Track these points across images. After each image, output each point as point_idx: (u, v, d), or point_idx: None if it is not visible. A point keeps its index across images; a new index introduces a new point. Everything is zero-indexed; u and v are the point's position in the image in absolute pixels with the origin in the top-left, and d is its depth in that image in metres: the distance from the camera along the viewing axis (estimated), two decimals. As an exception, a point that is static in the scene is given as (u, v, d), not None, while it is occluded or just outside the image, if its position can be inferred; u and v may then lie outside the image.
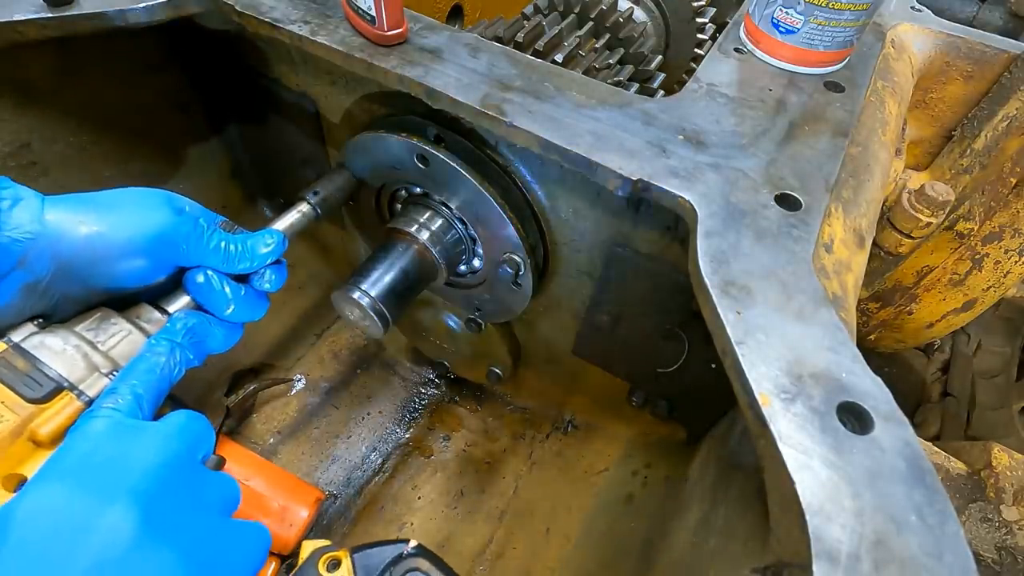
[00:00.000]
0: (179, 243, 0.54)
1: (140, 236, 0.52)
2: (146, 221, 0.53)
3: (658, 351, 0.77)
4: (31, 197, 0.50)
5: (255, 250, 0.59)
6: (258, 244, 0.60)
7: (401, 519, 0.97)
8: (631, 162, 0.56)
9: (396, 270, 0.71)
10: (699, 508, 0.70)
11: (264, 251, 0.60)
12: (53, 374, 0.48)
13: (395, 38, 0.66)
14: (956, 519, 0.35)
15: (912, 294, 1.16)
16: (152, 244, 0.53)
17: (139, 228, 0.52)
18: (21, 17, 0.62)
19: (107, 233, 0.51)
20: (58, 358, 0.49)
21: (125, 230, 0.52)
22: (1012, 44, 0.85)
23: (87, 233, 0.50)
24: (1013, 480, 0.86)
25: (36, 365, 0.48)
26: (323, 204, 0.70)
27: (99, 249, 0.51)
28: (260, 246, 0.59)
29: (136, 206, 0.54)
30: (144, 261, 0.54)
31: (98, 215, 0.51)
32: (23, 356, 0.48)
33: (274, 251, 0.60)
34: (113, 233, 0.51)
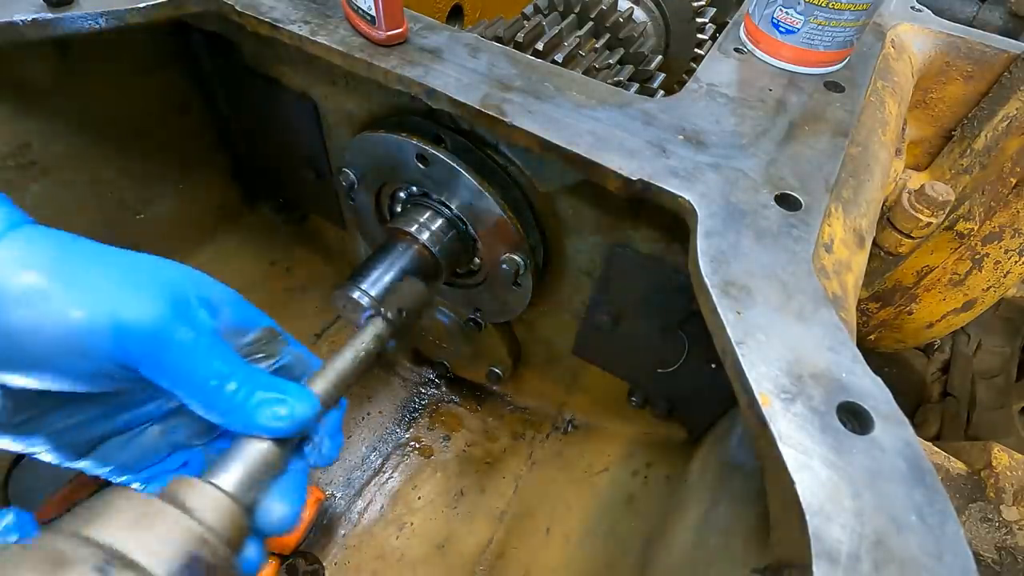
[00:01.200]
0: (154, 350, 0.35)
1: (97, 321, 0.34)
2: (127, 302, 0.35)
3: (658, 351, 0.77)
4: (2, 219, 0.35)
5: (253, 418, 0.38)
6: (262, 409, 0.38)
7: (401, 519, 0.97)
8: (631, 162, 0.56)
9: (396, 270, 0.71)
10: (699, 508, 0.70)
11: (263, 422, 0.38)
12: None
13: (395, 38, 0.66)
14: (956, 519, 0.35)
15: (912, 294, 1.16)
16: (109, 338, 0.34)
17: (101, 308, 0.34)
18: (21, 17, 0.62)
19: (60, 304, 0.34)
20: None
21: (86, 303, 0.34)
22: (1012, 44, 0.85)
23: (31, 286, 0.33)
24: (1013, 480, 0.86)
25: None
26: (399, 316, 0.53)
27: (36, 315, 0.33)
28: (261, 415, 0.38)
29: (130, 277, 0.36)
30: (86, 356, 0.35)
31: (66, 267, 0.35)
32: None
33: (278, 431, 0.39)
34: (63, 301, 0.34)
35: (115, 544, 0.31)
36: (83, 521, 0.32)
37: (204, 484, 0.37)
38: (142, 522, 0.33)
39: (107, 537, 0.31)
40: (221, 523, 0.35)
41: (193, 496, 0.35)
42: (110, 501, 0.34)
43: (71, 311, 0.33)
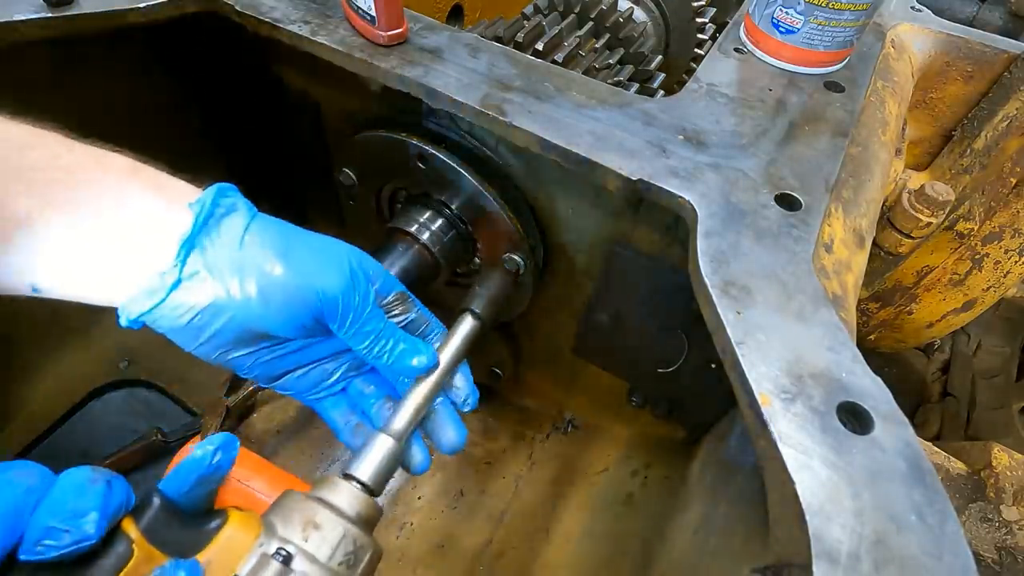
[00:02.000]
0: (337, 311, 0.51)
1: (308, 288, 0.49)
2: (321, 277, 0.50)
3: (658, 351, 0.77)
4: (240, 215, 0.49)
5: (401, 360, 0.55)
6: (407, 355, 0.55)
7: (401, 519, 0.97)
8: (631, 162, 0.56)
9: (396, 269, 0.71)
10: (699, 508, 0.70)
11: (410, 364, 0.55)
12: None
13: (395, 38, 0.66)
14: (956, 519, 0.35)
15: (912, 294, 1.16)
16: (313, 299, 0.49)
17: (311, 280, 0.49)
18: (21, 17, 0.62)
19: (280, 275, 0.48)
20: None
21: (298, 278, 0.49)
22: (1012, 44, 0.85)
23: (262, 270, 0.48)
24: (1013, 480, 0.86)
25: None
26: (489, 313, 0.65)
27: (266, 287, 0.48)
28: (408, 359, 0.55)
29: (322, 258, 0.51)
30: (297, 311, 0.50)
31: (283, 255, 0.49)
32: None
33: (417, 370, 0.56)
34: (285, 277, 0.48)
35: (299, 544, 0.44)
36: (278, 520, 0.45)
37: (340, 481, 0.50)
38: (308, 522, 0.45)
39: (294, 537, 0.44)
40: (357, 510, 0.49)
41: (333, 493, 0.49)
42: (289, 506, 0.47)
43: (292, 283, 0.48)
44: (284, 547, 0.43)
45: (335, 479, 0.51)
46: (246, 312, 0.48)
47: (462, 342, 0.62)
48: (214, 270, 0.46)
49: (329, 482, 0.50)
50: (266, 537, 0.44)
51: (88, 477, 0.37)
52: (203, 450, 0.42)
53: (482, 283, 0.69)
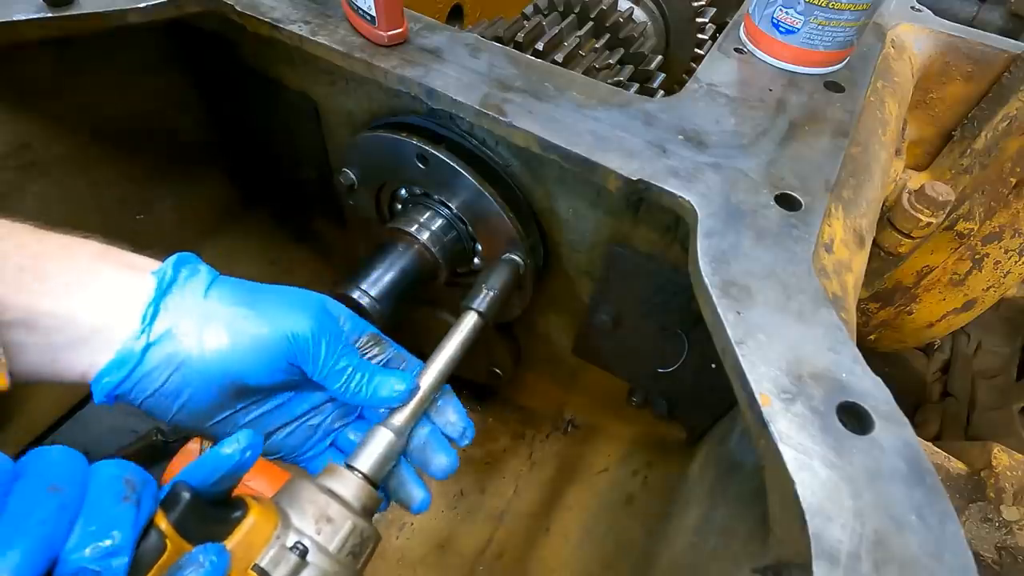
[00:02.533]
0: (309, 351, 0.51)
1: (277, 334, 0.50)
2: (287, 321, 0.51)
3: (658, 351, 0.77)
4: (202, 275, 0.51)
5: (376, 392, 0.54)
6: (381, 386, 0.54)
7: (401, 519, 0.97)
8: (631, 162, 0.56)
9: (396, 270, 0.71)
10: (699, 508, 0.70)
11: (384, 394, 0.54)
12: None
13: (395, 38, 0.66)
14: (956, 519, 0.35)
15: (912, 294, 1.16)
16: (284, 344, 0.50)
17: (279, 325, 0.50)
18: (21, 17, 0.62)
19: (249, 324, 0.50)
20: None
21: (267, 325, 0.50)
22: (1012, 44, 0.85)
23: (231, 321, 0.49)
24: (1013, 480, 0.86)
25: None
26: (492, 309, 0.65)
27: (236, 337, 0.49)
28: (383, 389, 0.54)
29: (286, 306, 0.52)
30: (270, 359, 0.51)
31: (248, 307, 0.50)
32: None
33: (393, 399, 0.55)
34: (253, 325, 0.50)
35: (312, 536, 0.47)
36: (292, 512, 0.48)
37: (346, 472, 0.52)
38: (321, 515, 0.48)
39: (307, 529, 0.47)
40: (362, 503, 0.51)
41: (341, 484, 0.51)
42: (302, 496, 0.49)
43: (262, 328, 0.50)
44: (300, 540, 0.46)
45: (341, 469, 0.52)
46: (221, 364, 0.49)
47: (464, 339, 0.63)
48: (182, 327, 0.48)
49: (335, 472, 0.52)
50: (283, 529, 0.46)
51: (119, 493, 0.37)
52: (231, 448, 0.43)
53: (486, 279, 0.68)
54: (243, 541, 0.43)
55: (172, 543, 0.39)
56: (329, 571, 0.46)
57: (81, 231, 0.49)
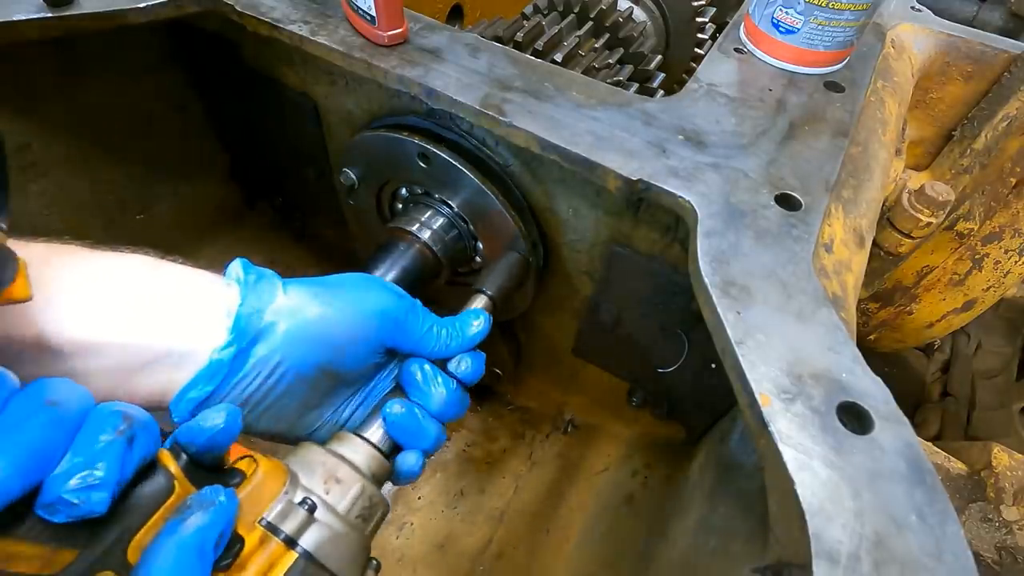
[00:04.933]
0: (401, 323, 0.54)
1: (367, 313, 0.53)
2: (372, 300, 0.54)
3: (658, 351, 0.77)
4: (272, 276, 0.53)
5: (465, 331, 0.58)
6: (467, 325, 0.59)
7: (401, 519, 0.97)
8: (631, 162, 0.56)
9: (398, 269, 0.71)
10: (699, 508, 0.70)
11: (473, 331, 0.59)
12: None
13: (395, 38, 0.66)
14: (956, 519, 0.35)
15: (912, 294, 1.16)
16: (377, 321, 0.53)
17: (365, 306, 0.53)
18: (21, 17, 0.62)
19: (336, 310, 0.51)
20: None
21: (352, 307, 0.52)
22: (1012, 44, 0.85)
23: (320, 310, 0.51)
24: (1013, 480, 0.86)
25: None
26: (500, 294, 0.67)
27: (328, 325, 0.51)
28: (469, 327, 0.59)
29: (361, 287, 0.55)
30: (366, 340, 0.53)
31: (328, 294, 0.52)
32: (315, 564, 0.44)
33: (482, 331, 0.59)
34: (341, 310, 0.52)
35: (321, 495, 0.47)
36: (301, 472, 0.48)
37: (356, 439, 0.53)
38: (330, 476, 0.48)
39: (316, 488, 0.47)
40: (371, 469, 0.52)
41: (350, 450, 0.52)
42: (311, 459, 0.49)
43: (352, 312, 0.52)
44: (309, 496, 0.46)
45: (352, 436, 0.53)
46: (316, 356, 0.50)
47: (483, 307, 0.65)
48: (273, 327, 0.49)
49: (346, 439, 0.53)
50: (291, 486, 0.46)
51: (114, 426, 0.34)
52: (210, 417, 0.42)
53: (494, 267, 0.70)
54: (251, 494, 0.43)
55: (180, 486, 0.38)
56: (338, 530, 0.46)
57: (81, 232, 0.49)
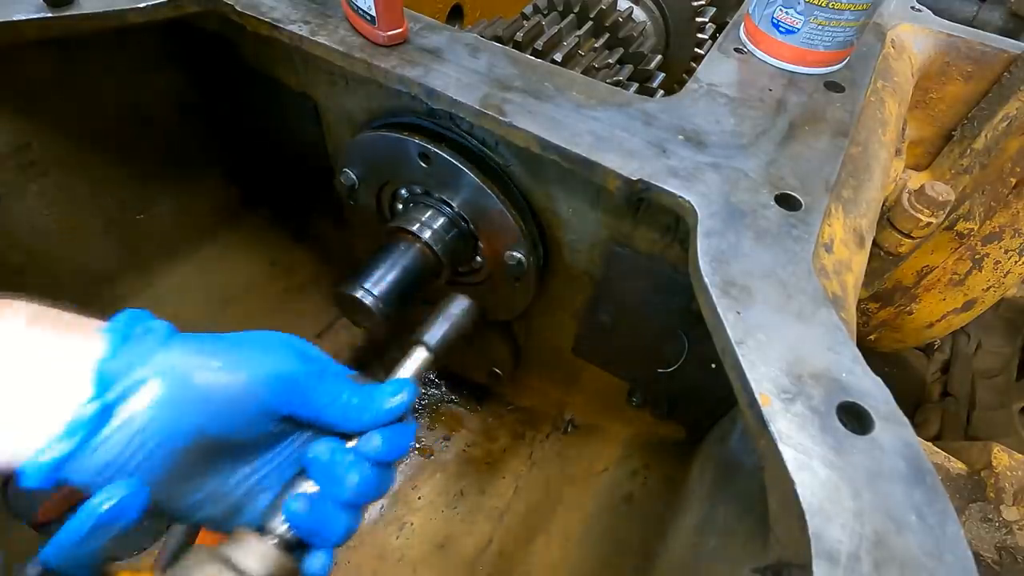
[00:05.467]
0: (301, 389, 0.48)
1: (257, 377, 0.46)
2: (267, 361, 0.47)
3: (658, 351, 0.77)
4: (161, 328, 0.46)
5: (380, 403, 0.50)
6: (384, 397, 0.50)
7: (401, 519, 0.97)
8: (631, 162, 0.56)
9: (399, 269, 0.71)
10: (699, 508, 0.70)
11: (390, 405, 0.50)
12: None
13: (395, 38, 0.66)
14: (956, 519, 0.35)
15: (912, 294, 1.16)
16: (270, 386, 0.46)
17: (258, 368, 0.46)
18: (21, 17, 0.62)
19: (219, 371, 0.45)
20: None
21: (242, 368, 0.46)
22: (1012, 44, 0.85)
23: (201, 369, 0.45)
24: (1013, 480, 0.86)
25: None
26: (441, 347, 0.58)
27: (208, 386, 0.45)
28: (385, 400, 0.50)
29: (259, 347, 0.48)
30: (254, 407, 0.46)
31: (216, 352, 0.46)
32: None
33: (402, 404, 0.51)
34: (226, 372, 0.45)
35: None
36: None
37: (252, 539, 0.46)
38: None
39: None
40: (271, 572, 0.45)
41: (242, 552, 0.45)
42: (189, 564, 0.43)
43: (240, 374, 0.45)
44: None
45: (248, 537, 0.47)
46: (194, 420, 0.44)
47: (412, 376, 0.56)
48: (145, 384, 0.42)
49: (242, 540, 0.46)
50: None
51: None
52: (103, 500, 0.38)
53: (441, 312, 0.60)
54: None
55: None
56: None
57: (81, 232, 0.48)
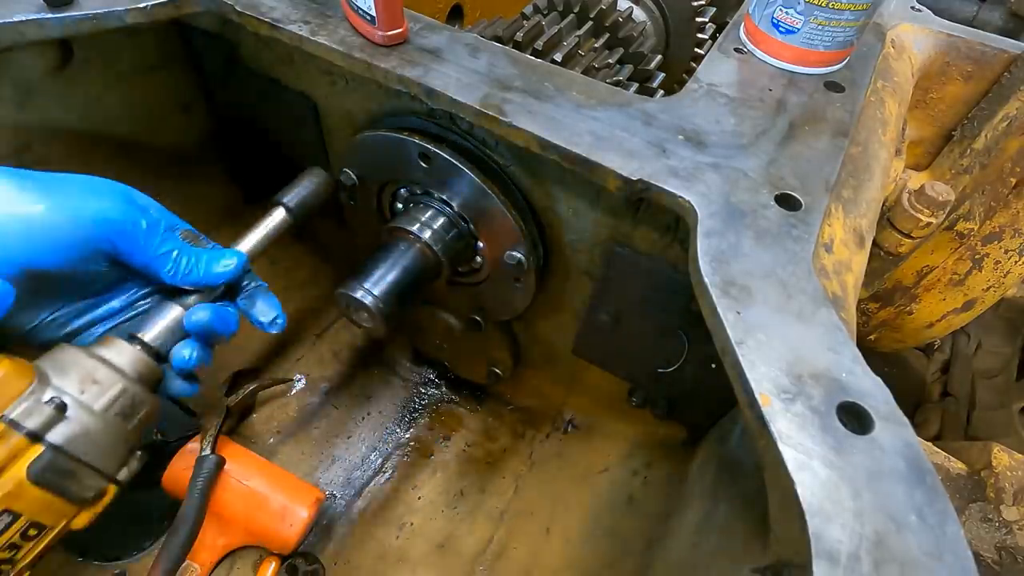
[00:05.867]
0: (128, 234, 0.51)
1: (82, 218, 0.49)
2: (92, 204, 0.50)
3: (658, 351, 0.77)
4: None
5: (209, 268, 0.55)
6: (214, 262, 0.56)
7: (401, 519, 0.97)
8: (631, 162, 0.56)
9: (399, 269, 0.71)
10: (699, 508, 0.70)
11: (219, 270, 0.56)
12: None
13: (395, 38, 0.66)
14: (956, 519, 0.35)
15: (912, 294, 1.16)
16: (95, 229, 0.49)
17: (82, 209, 0.49)
18: (21, 17, 0.62)
19: (45, 208, 0.48)
20: None
21: (66, 208, 0.48)
22: (1012, 44, 0.85)
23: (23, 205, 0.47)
24: (1013, 480, 0.86)
25: None
26: (300, 209, 0.69)
27: (32, 223, 0.47)
28: (216, 265, 0.56)
29: (84, 189, 0.51)
30: (80, 246, 0.50)
31: (38, 190, 0.48)
32: None
33: (229, 273, 0.56)
34: (51, 210, 0.48)
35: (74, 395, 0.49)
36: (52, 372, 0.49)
37: (122, 342, 0.54)
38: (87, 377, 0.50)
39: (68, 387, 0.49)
40: (137, 370, 0.53)
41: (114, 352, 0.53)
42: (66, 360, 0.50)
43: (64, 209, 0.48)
44: (59, 396, 0.48)
45: (116, 340, 0.54)
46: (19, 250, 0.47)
47: (270, 231, 0.66)
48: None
49: (110, 341, 0.54)
50: (39, 386, 0.48)
51: None
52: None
53: (300, 180, 0.72)
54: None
55: None
56: (92, 426, 0.49)
57: None
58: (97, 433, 0.50)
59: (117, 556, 0.85)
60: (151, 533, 0.87)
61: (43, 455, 0.47)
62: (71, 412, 0.48)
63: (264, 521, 0.83)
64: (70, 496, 0.49)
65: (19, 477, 0.46)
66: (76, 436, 0.48)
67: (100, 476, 0.51)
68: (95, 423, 0.49)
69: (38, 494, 0.47)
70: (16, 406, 0.46)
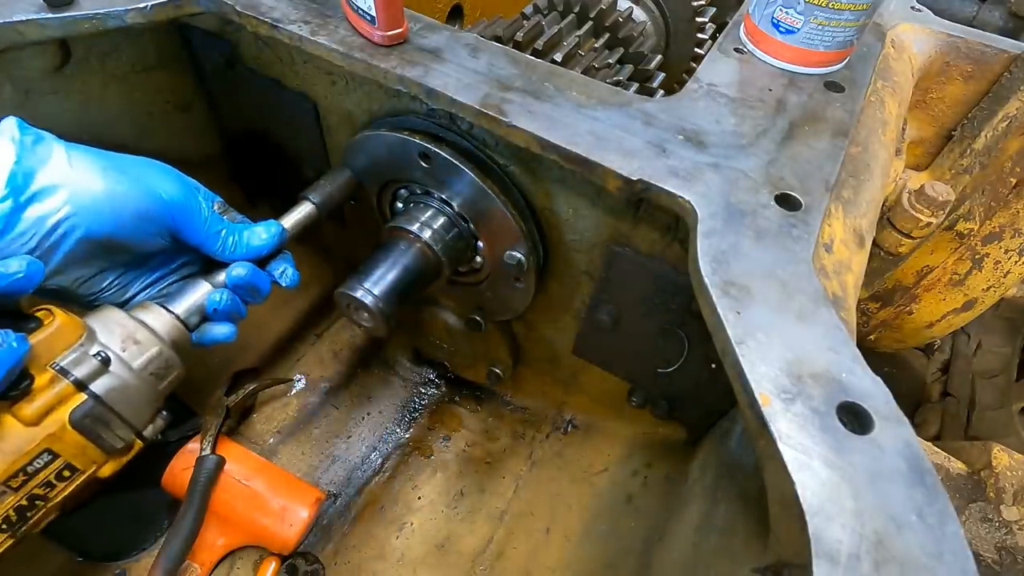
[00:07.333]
0: (188, 212, 0.58)
1: (155, 195, 0.56)
2: (161, 184, 0.57)
3: (658, 351, 0.77)
4: (51, 139, 0.53)
5: (249, 242, 0.63)
6: (253, 236, 0.64)
7: (401, 519, 0.97)
8: (631, 162, 0.56)
9: (399, 268, 0.71)
10: (699, 508, 0.70)
11: (258, 243, 0.64)
12: None
13: (395, 38, 0.66)
14: (956, 519, 0.35)
15: (912, 294, 1.16)
16: (164, 207, 0.56)
17: (154, 188, 0.56)
18: (21, 17, 0.62)
19: (126, 186, 0.54)
20: None
21: (142, 186, 0.55)
22: (1012, 44, 0.85)
23: (109, 182, 0.53)
24: (1013, 480, 0.86)
25: None
26: (325, 204, 0.72)
27: (116, 198, 0.53)
28: (255, 238, 0.64)
29: (152, 169, 0.58)
30: (152, 220, 0.56)
31: (118, 169, 0.54)
32: None
33: (267, 243, 0.64)
34: (131, 187, 0.54)
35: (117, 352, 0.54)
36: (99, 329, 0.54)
37: (161, 308, 0.60)
38: (129, 337, 0.55)
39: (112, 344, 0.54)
40: (171, 336, 0.59)
41: (152, 317, 0.58)
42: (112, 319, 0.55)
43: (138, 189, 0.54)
44: (104, 351, 0.52)
45: (156, 306, 0.60)
46: (99, 222, 0.52)
47: (297, 222, 0.70)
48: (56, 187, 0.50)
49: (151, 308, 0.59)
50: (88, 340, 0.52)
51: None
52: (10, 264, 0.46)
53: (326, 177, 0.75)
54: (46, 341, 0.48)
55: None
56: (130, 381, 0.53)
57: None
58: (133, 389, 0.54)
59: (117, 556, 0.85)
60: (151, 533, 0.87)
61: (85, 403, 0.51)
62: (113, 367, 0.52)
63: (264, 521, 0.83)
64: (102, 444, 0.53)
65: (62, 420, 0.50)
66: (115, 389, 0.52)
67: (130, 429, 0.55)
68: (133, 379, 0.54)
69: (76, 439, 0.51)
70: (66, 356, 0.50)
